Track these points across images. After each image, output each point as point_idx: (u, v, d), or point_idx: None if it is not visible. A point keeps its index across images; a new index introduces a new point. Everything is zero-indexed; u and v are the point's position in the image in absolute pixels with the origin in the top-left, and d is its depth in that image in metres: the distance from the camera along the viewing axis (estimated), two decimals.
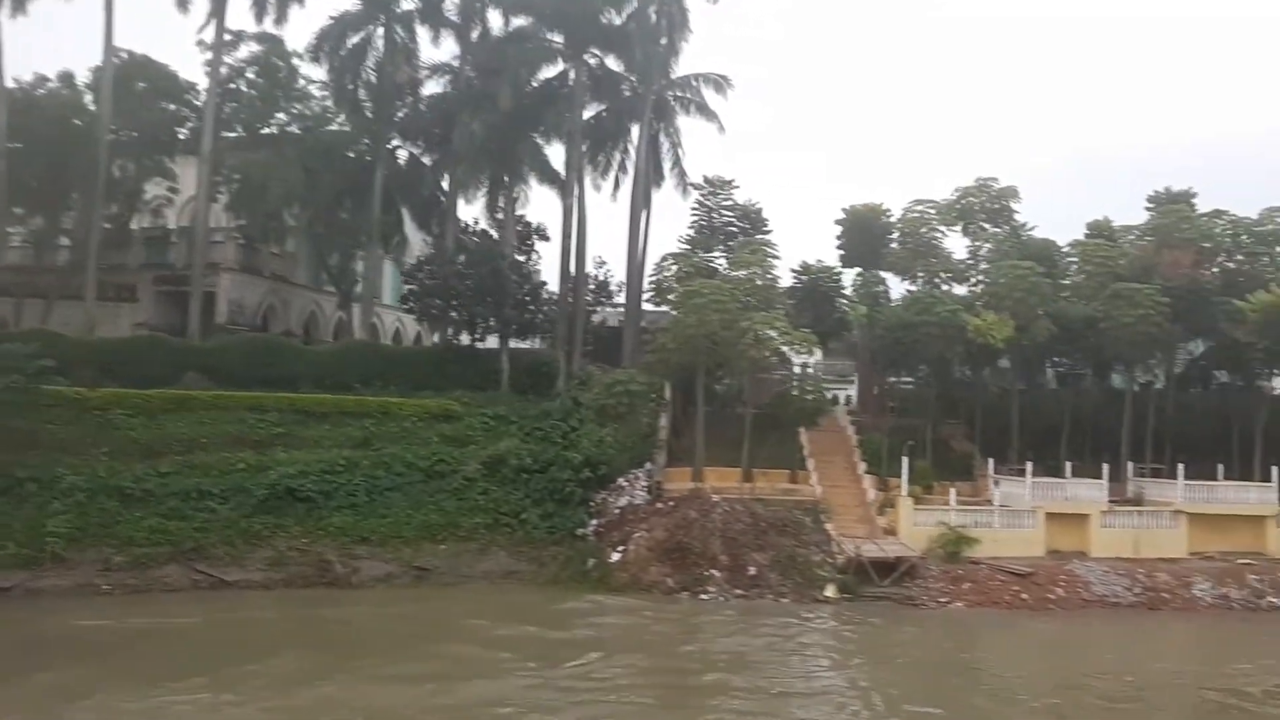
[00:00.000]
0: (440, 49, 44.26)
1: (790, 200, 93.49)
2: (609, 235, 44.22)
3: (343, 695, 19.21)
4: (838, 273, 39.05)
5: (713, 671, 21.99)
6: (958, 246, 42.36)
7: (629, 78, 46.28)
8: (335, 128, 45.36)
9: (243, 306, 42.77)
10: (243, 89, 41.72)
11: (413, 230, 48.48)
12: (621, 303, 47.73)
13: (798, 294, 38.91)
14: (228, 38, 40.88)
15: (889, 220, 41.45)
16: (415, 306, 42.75)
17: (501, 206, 44.86)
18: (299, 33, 42.75)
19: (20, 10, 38.59)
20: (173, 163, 42.96)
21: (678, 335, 34.74)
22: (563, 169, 44.54)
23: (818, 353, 54.04)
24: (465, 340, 43.13)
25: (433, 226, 46.70)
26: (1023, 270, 36.49)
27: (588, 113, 47.44)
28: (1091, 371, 43.35)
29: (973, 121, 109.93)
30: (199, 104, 41.55)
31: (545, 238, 47.82)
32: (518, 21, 43.52)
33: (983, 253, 41.52)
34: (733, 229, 42.80)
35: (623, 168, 49.13)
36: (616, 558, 31.77)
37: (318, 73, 43.39)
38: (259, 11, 41.14)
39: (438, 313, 42.04)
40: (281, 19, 41.50)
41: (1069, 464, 37.68)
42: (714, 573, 30.28)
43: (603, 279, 48.62)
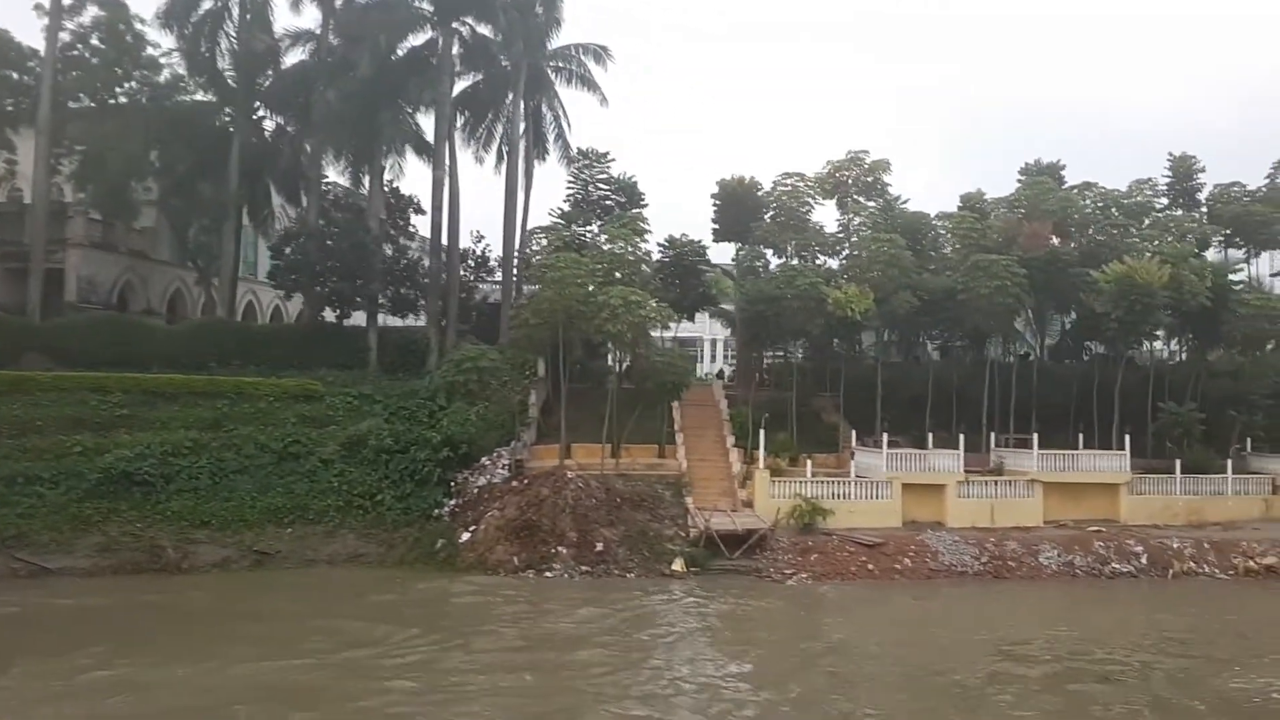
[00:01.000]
0: (303, 15, 42.79)
1: (689, 175, 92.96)
2: (496, 209, 42.94)
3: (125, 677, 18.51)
4: (703, 246, 38.60)
5: (503, 650, 21.56)
6: (835, 220, 42.25)
7: (516, 47, 45.19)
8: (198, 98, 43.52)
9: (95, 284, 40.89)
10: (86, 56, 39.59)
11: (284, 204, 46.87)
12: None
13: (665, 268, 38.38)
14: (67, 1, 38.78)
15: (762, 194, 41.11)
16: (279, 282, 41.37)
17: (367, 179, 43.36)
18: None
19: None
20: (15, 134, 40.77)
21: (537, 310, 34.03)
22: (445, 142, 43.43)
23: (718, 328, 54.03)
24: (338, 318, 41.89)
25: (301, 200, 45.20)
26: (883, 242, 36.44)
27: (464, 83, 46.51)
28: (968, 343, 43.76)
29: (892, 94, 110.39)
30: (41, 71, 39.45)
31: (421, 211, 46.66)
32: None
33: (854, 225, 41.44)
34: (609, 202, 42.06)
35: (506, 140, 48.32)
36: (466, 538, 31.14)
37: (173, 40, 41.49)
38: None
39: (301, 288, 40.71)
40: None
41: (932, 435, 37.89)
42: (561, 550, 29.79)
43: (482, 254, 47.62)
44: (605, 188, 42.27)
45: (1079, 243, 40.58)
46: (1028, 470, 35.22)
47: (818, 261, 41.56)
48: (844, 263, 39.08)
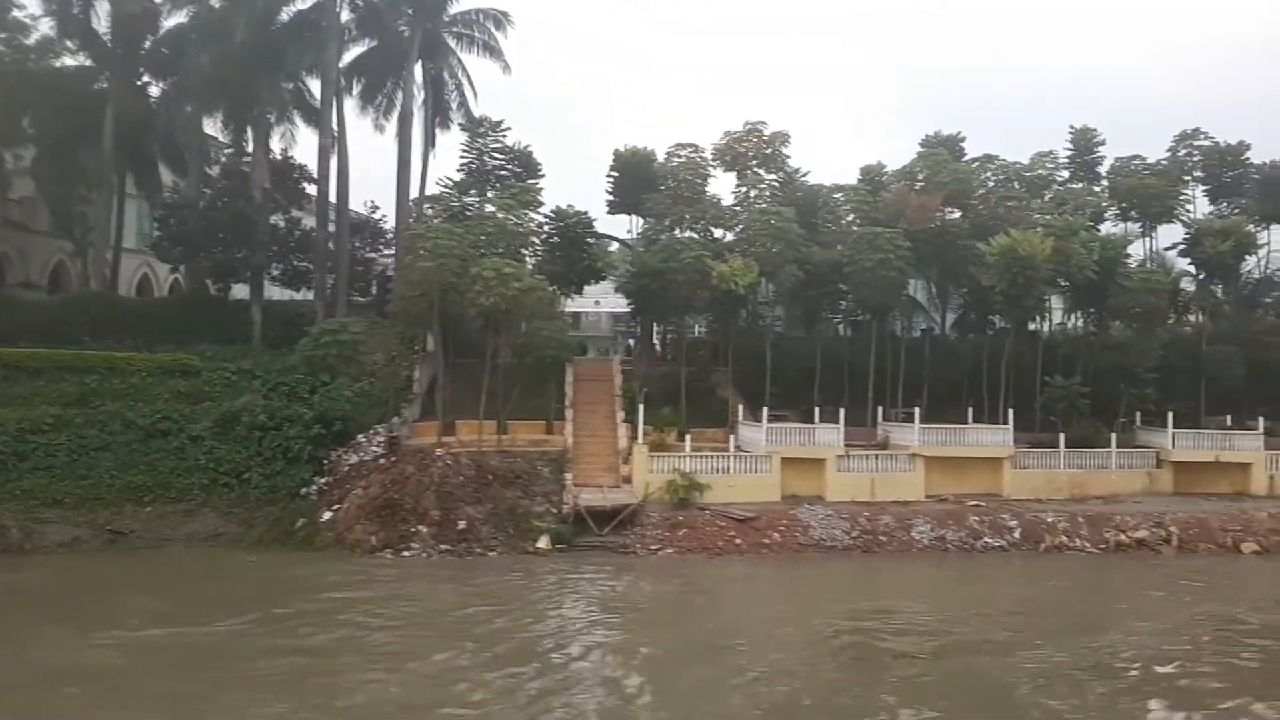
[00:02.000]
0: None
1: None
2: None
3: None
4: (589, 218, 37.80)
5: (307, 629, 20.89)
6: (731, 193, 41.62)
7: (407, 12, 44.01)
8: (73, 61, 41.84)
9: None
10: None
11: (171, 173, 45.34)
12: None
13: (551, 240, 37.52)
14: None
15: (657, 165, 40.34)
16: (158, 254, 40.08)
17: (250, 147, 42.06)
18: None
19: None
20: None
21: (411, 282, 33.16)
22: (338, 111, 42.25)
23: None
24: (221, 291, 40.75)
25: (188, 168, 43.72)
26: (769, 215, 35.90)
27: (361, 49, 45.24)
28: (871, 317, 43.43)
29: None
30: None
31: (313, 180, 45.36)
32: None
33: (751, 198, 40.85)
34: (504, 172, 41.10)
35: (408, 108, 47.15)
36: (328, 517, 30.43)
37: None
38: None
39: (181, 260, 39.46)
40: None
41: (820, 410, 37.56)
42: (421, 529, 29.15)
43: (377, 224, 46.51)
44: (500, 157, 41.26)
45: (977, 215, 40.28)
46: (910, 445, 35.05)
47: (716, 234, 41.04)
48: (736, 236, 38.40)
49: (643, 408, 33.99)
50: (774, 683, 17.31)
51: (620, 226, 42.72)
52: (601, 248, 37.89)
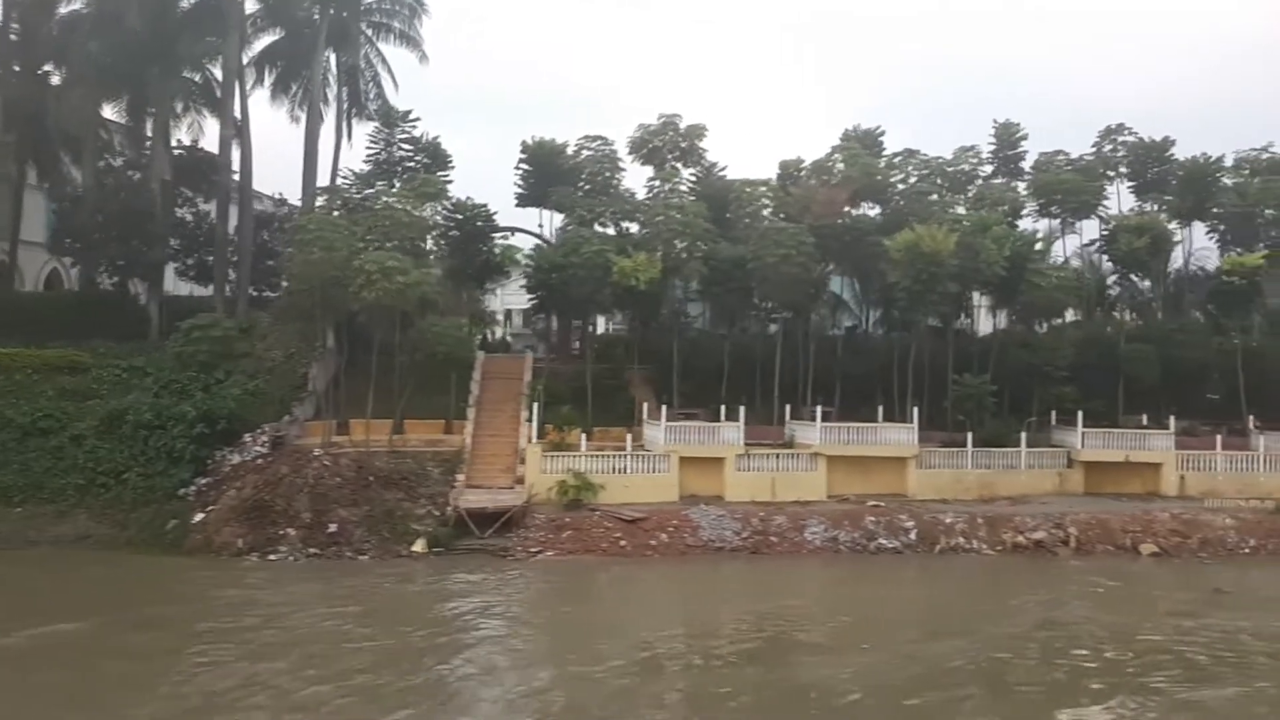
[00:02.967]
0: None
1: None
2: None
3: None
4: (489, 212, 36.87)
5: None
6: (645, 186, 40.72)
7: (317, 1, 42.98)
8: None
9: None
10: None
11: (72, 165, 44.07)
12: None
13: (450, 233, 36.56)
14: None
15: (565, 158, 39.42)
16: (55, 248, 38.95)
17: (150, 136, 40.96)
18: None
19: None
20: None
21: (294, 276, 32.22)
22: (241, 101, 41.26)
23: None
24: (117, 285, 39.63)
25: (93, 160, 42.48)
26: (673, 209, 35.12)
27: (272, 37, 44.24)
28: (793, 314, 42.75)
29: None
30: None
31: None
32: None
33: (665, 192, 39.98)
34: (411, 163, 40.12)
35: (325, 98, 46.15)
36: (200, 518, 29.47)
37: None
38: None
39: (75, 255, 38.34)
40: None
41: (726, 408, 36.77)
42: (290, 531, 28.26)
43: (285, 218, 45.44)
44: (408, 148, 40.30)
45: (896, 211, 39.56)
46: (812, 444, 34.36)
47: (630, 229, 40.20)
48: (641, 231, 37.55)
49: (536, 406, 33.25)
50: (545, 695, 16.54)
51: (537, 221, 41.64)
52: (505, 243, 36.88)
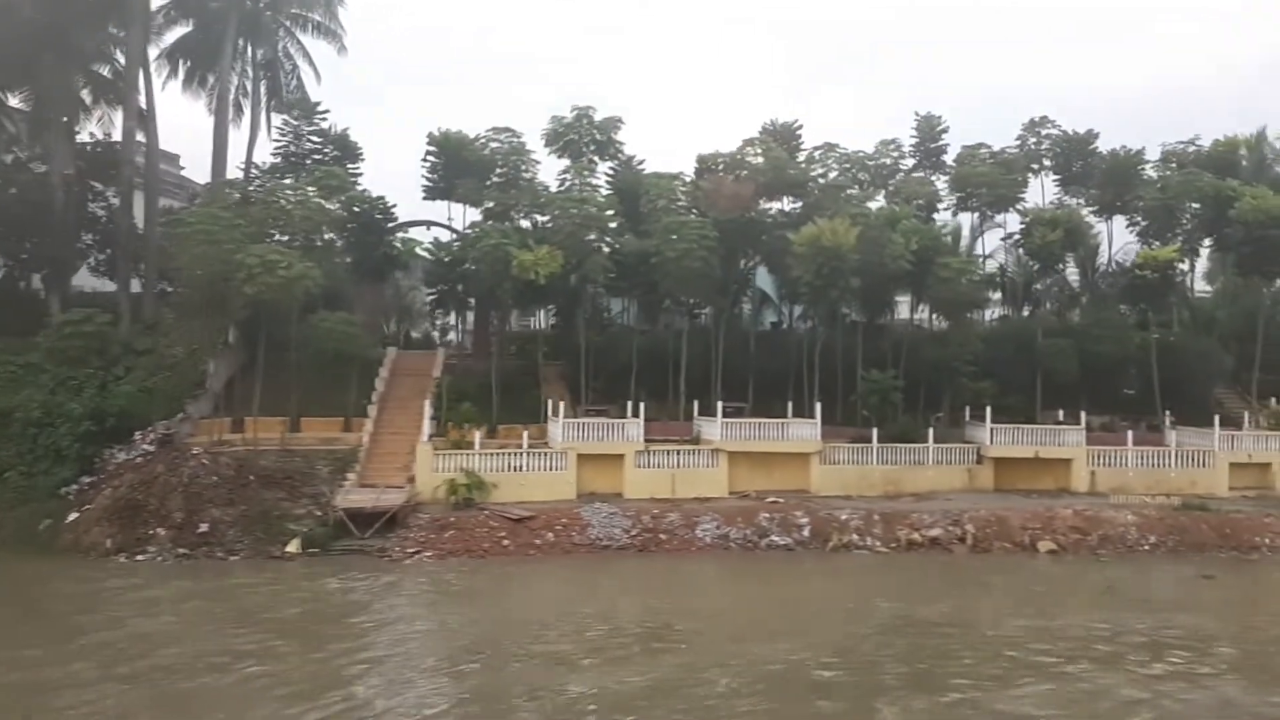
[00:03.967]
0: None
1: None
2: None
3: None
4: (388, 205, 36.22)
5: None
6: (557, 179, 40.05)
7: None
8: None
9: None
10: None
11: None
12: None
13: (350, 227, 35.87)
14: None
15: (470, 150, 38.67)
16: None
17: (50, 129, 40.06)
18: None
19: None
20: None
21: (178, 271, 31.55)
22: (147, 93, 40.49)
23: None
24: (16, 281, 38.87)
25: None
26: (574, 202, 34.53)
27: (182, 29, 43.53)
28: (712, 310, 42.24)
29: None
30: None
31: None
32: None
33: (578, 185, 39.38)
34: (318, 156, 39.41)
35: (244, 90, 45.51)
36: (73, 518, 28.79)
37: None
38: None
39: None
40: None
41: (649, 402, 36.50)
42: (159, 531, 27.60)
43: None
44: (316, 140, 39.60)
45: (812, 206, 39.00)
46: (714, 440, 33.86)
47: (547, 223, 39.53)
48: (544, 224, 36.92)
49: (428, 404, 32.68)
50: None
51: (447, 214, 40.88)
52: (406, 236, 36.30)
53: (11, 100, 39.29)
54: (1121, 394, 39.79)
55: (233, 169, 42.15)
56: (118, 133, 41.27)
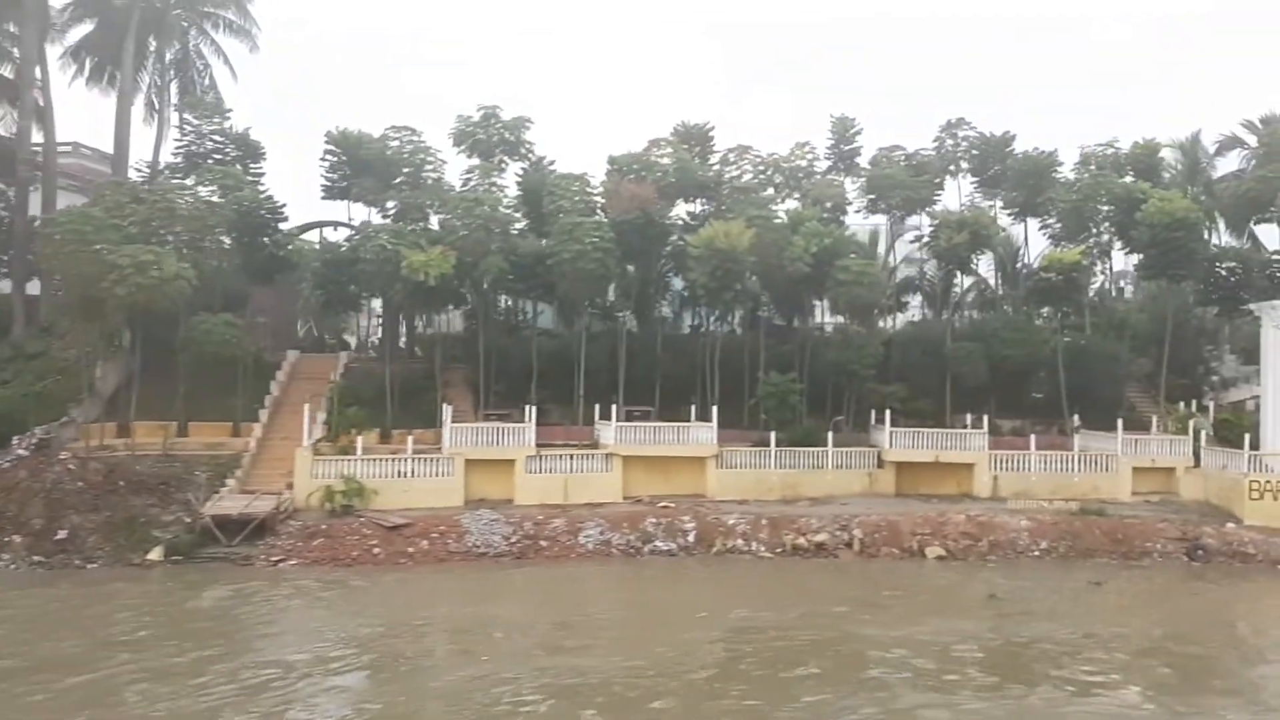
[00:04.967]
0: None
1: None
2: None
3: None
4: (275, 204, 35.55)
5: None
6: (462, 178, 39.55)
7: None
8: None
9: None
10: None
11: None
12: None
13: (238, 227, 35.12)
14: None
15: (379, 148, 38.05)
16: None
17: None
18: None
19: None
20: None
21: (55, 271, 30.80)
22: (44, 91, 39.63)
23: None
24: None
25: None
26: (469, 202, 33.98)
27: (87, 28, 42.79)
28: (630, 312, 41.78)
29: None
30: None
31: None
32: None
33: (484, 186, 38.84)
34: (219, 156, 38.72)
35: (155, 88, 44.77)
36: None
37: None
38: None
39: None
40: None
41: (549, 406, 36.11)
42: (15, 538, 26.87)
43: None
44: (217, 140, 38.92)
45: (721, 208, 38.60)
46: (609, 444, 33.36)
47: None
48: (441, 224, 36.35)
49: (308, 408, 31.87)
50: None
51: (347, 215, 40.19)
52: (295, 238, 35.69)
53: None
54: (1031, 398, 39.50)
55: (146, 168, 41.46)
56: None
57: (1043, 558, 30.26)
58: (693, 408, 36.23)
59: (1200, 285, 39.84)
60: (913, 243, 42.40)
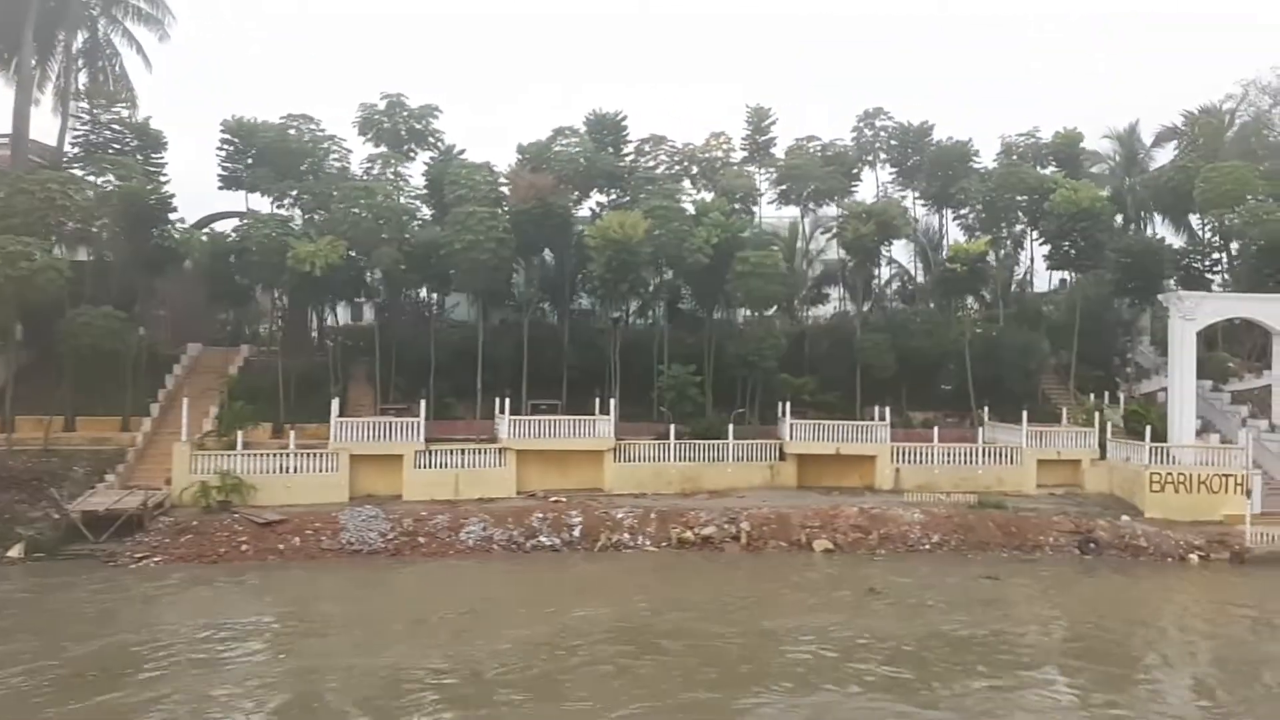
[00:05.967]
0: None
1: None
2: None
3: None
4: (165, 195, 34.79)
5: None
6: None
7: None
8: None
9: None
10: None
11: None
12: None
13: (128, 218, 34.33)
14: None
15: (278, 137, 37.28)
16: None
17: None
18: None
19: None
20: None
21: None
22: None
23: None
24: None
25: None
26: (358, 193, 33.37)
27: None
28: (548, 304, 41.26)
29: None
30: None
31: None
32: None
33: (388, 174, 38.21)
34: (118, 146, 37.88)
35: (64, 77, 43.80)
36: None
37: None
38: None
39: None
40: None
41: (448, 400, 35.63)
42: None
43: None
44: (116, 129, 38.09)
45: (634, 200, 38.06)
46: (503, 438, 32.88)
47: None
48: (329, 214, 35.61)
49: (186, 403, 31.22)
50: None
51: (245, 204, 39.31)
52: (182, 228, 34.93)
53: None
54: (941, 390, 39.21)
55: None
56: None
57: (933, 551, 29.95)
58: (599, 401, 35.77)
59: (1115, 276, 39.60)
60: (824, 234, 41.93)
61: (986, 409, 37.66)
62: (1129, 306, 40.62)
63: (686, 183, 41.22)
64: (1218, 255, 43.79)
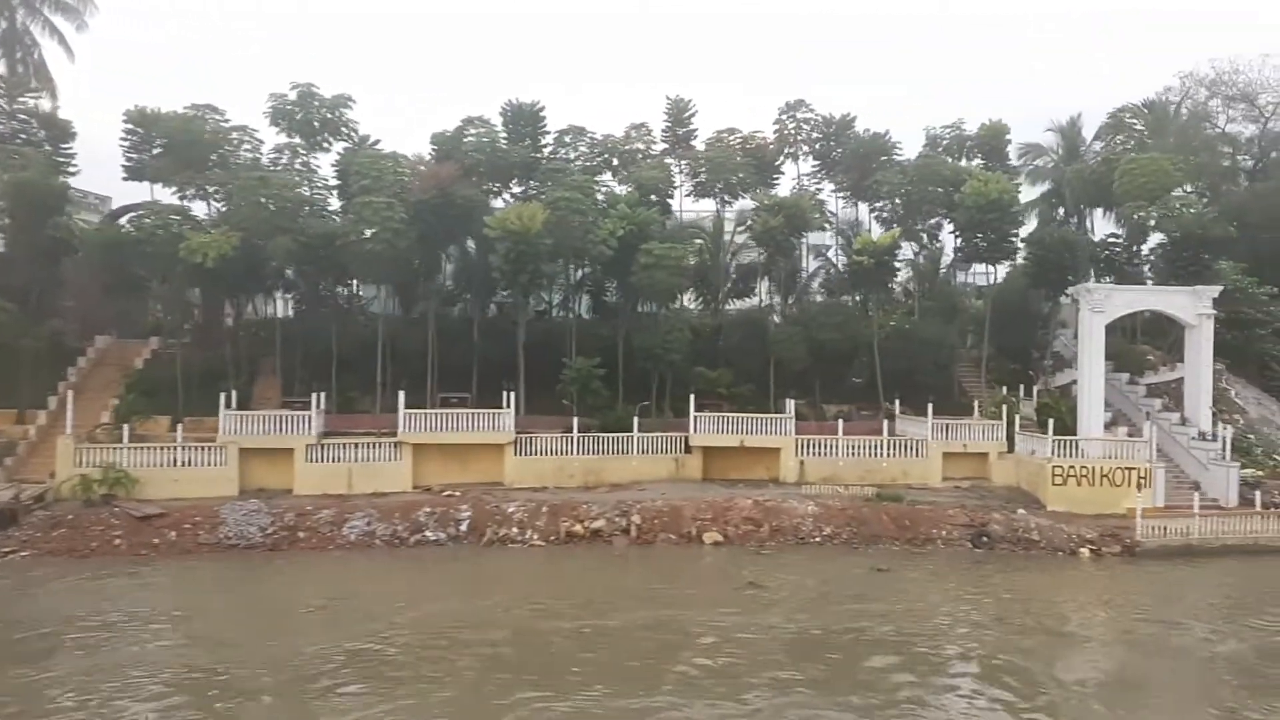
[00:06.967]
0: None
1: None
2: None
3: None
4: (63, 187, 34.42)
5: None
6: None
7: None
8: None
9: None
10: None
11: None
12: None
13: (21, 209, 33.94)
14: None
15: (183, 127, 36.81)
16: None
17: None
18: None
19: None
20: None
21: None
22: None
23: None
24: None
25: None
26: (254, 184, 33.01)
27: None
28: (469, 297, 40.91)
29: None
30: None
31: None
32: None
33: (296, 165, 37.89)
34: (24, 136, 37.48)
35: None
36: None
37: None
38: None
39: None
40: None
41: (355, 394, 35.27)
42: None
43: None
44: (24, 119, 37.68)
45: (544, 189, 37.79)
46: (399, 431, 32.61)
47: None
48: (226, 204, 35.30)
49: (71, 395, 30.95)
50: None
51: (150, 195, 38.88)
52: (73, 220, 34.62)
53: None
54: (854, 382, 39.08)
55: None
56: None
57: (825, 544, 29.77)
58: (508, 394, 35.50)
59: (1029, 268, 39.49)
60: (737, 226, 41.68)
61: (898, 401, 37.53)
62: (1045, 299, 40.49)
63: (608, 175, 40.93)
64: (1140, 248, 43.68)
